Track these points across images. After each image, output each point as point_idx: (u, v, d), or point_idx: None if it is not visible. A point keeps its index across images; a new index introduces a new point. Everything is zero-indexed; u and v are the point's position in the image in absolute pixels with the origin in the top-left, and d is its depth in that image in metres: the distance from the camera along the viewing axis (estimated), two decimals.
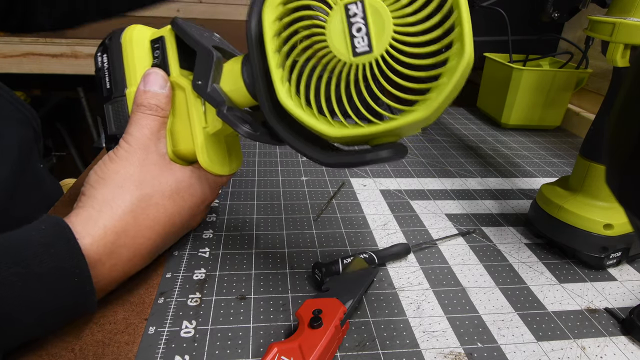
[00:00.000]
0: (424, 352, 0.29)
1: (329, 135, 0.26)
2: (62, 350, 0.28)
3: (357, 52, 0.24)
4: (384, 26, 0.24)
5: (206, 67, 0.31)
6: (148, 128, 0.33)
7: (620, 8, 0.33)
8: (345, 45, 0.24)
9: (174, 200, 0.33)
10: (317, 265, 0.33)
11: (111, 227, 0.29)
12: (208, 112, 0.33)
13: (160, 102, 0.33)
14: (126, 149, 0.32)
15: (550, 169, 0.59)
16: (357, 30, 0.24)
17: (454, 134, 0.71)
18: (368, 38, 0.24)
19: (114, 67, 0.35)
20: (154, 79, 0.33)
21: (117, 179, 0.31)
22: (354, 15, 0.24)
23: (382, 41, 0.24)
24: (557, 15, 0.46)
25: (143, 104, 0.33)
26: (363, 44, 0.24)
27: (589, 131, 0.38)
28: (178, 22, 0.33)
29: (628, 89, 0.15)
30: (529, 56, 0.75)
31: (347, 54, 0.24)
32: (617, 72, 0.36)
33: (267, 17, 0.26)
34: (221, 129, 0.34)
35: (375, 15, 0.24)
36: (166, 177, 0.32)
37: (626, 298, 0.35)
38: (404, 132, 0.27)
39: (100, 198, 0.30)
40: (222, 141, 0.36)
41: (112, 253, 0.29)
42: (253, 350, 0.28)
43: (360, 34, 0.24)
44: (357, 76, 0.25)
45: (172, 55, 0.34)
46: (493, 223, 0.44)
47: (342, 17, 0.24)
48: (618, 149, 0.15)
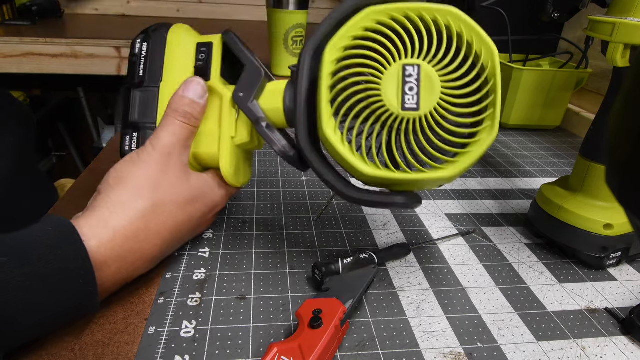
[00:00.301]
0: (424, 352, 0.29)
1: (363, 172, 0.29)
2: (62, 350, 0.28)
3: (406, 107, 0.27)
4: (432, 91, 0.27)
5: (252, 82, 0.33)
6: (177, 136, 0.33)
7: (620, 8, 0.33)
8: (396, 98, 0.27)
9: (185, 209, 0.33)
10: (317, 265, 0.33)
11: (121, 231, 0.29)
12: (239, 124, 0.35)
13: (195, 112, 0.33)
14: (150, 152, 0.32)
15: (550, 169, 0.59)
16: (409, 89, 0.27)
17: None
18: (418, 97, 0.27)
19: (153, 57, 0.35)
20: (194, 88, 0.34)
21: (135, 181, 0.31)
22: (409, 76, 0.27)
23: (429, 103, 0.27)
24: (557, 15, 0.46)
25: (178, 110, 0.33)
26: (412, 102, 0.27)
27: (589, 131, 0.38)
28: (231, 35, 0.35)
29: (628, 89, 0.15)
30: (529, 56, 0.75)
31: (396, 107, 0.27)
32: (617, 72, 0.36)
33: (328, 55, 0.28)
34: (246, 143, 0.35)
35: (427, 80, 0.27)
36: (183, 186, 0.33)
37: (626, 298, 0.35)
38: (425, 185, 0.30)
39: (115, 199, 0.30)
40: (242, 154, 0.37)
41: (119, 256, 0.29)
42: (253, 350, 0.28)
43: (412, 93, 0.27)
44: (399, 128, 0.28)
45: (216, 61, 0.35)
46: (493, 223, 0.44)
47: (398, 74, 0.27)
48: (618, 149, 0.15)
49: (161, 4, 1.56)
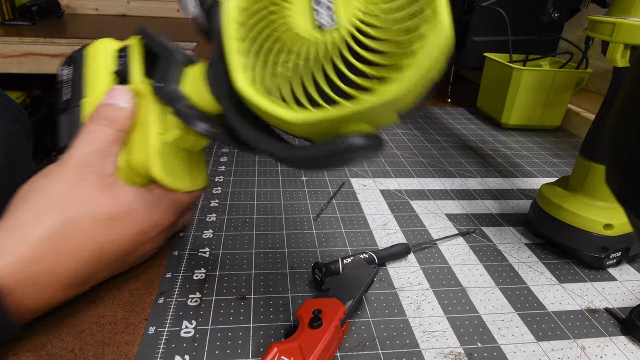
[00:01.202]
0: (424, 352, 0.29)
1: (292, 121, 0.23)
2: (62, 350, 0.28)
3: (319, 25, 0.22)
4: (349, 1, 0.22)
5: (168, 68, 0.30)
6: (96, 143, 0.30)
7: (620, 8, 0.33)
8: (309, 22, 0.22)
9: (109, 226, 0.29)
10: (317, 265, 0.33)
11: (20, 255, 0.26)
12: (168, 118, 0.31)
13: (118, 116, 0.31)
14: (61, 164, 0.29)
15: (550, 169, 0.59)
16: (319, 6, 0.22)
17: (454, 134, 0.71)
18: (330, 10, 0.22)
19: (75, 78, 0.34)
20: (118, 94, 0.31)
21: (42, 198, 0.28)
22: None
23: (348, 15, 0.21)
24: (557, 15, 0.46)
25: (97, 116, 0.30)
26: (325, 17, 0.22)
27: (589, 131, 0.38)
28: (146, 30, 0.33)
29: (628, 89, 0.15)
30: (529, 56, 0.75)
31: (308, 28, 0.22)
32: (617, 72, 0.36)
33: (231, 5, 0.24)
34: (180, 138, 0.32)
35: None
36: (102, 199, 0.29)
37: (626, 298, 0.35)
38: (378, 117, 0.23)
39: (14, 220, 0.27)
40: (181, 154, 0.34)
41: (21, 281, 0.26)
42: (253, 350, 0.28)
43: (322, 7, 0.22)
44: (317, 53, 0.22)
45: (136, 62, 0.33)
46: (493, 223, 0.44)
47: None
48: (618, 149, 0.15)
49: (161, 4, 1.56)
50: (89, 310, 0.31)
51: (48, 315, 0.30)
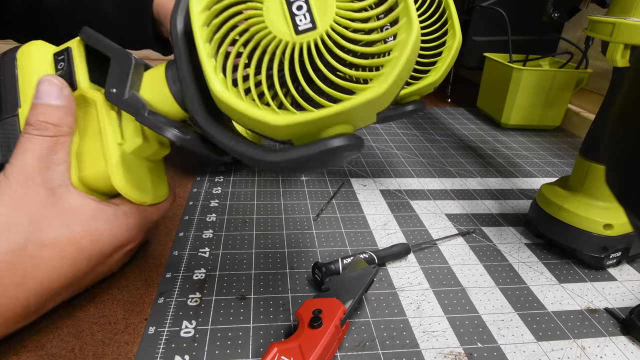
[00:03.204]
0: (424, 352, 0.29)
1: (275, 124, 0.22)
2: (62, 350, 0.28)
3: (300, 30, 0.22)
4: (326, 2, 0.22)
5: (123, 72, 0.28)
6: (32, 154, 0.26)
7: (620, 8, 0.33)
8: (286, 23, 0.22)
9: (61, 249, 0.26)
10: (317, 265, 0.33)
11: None
12: (125, 127, 0.29)
13: (52, 118, 0.27)
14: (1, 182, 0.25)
15: (550, 169, 0.59)
16: (297, 8, 0.22)
17: (454, 134, 0.71)
18: (310, 14, 0.22)
19: (5, 85, 0.30)
20: (46, 89, 0.27)
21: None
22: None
23: (325, 17, 0.22)
24: (557, 15, 0.46)
25: (29, 123, 0.27)
26: (305, 21, 0.22)
27: (589, 131, 0.38)
28: (88, 31, 0.29)
29: (628, 89, 0.15)
30: (529, 56, 0.75)
31: (289, 33, 0.22)
32: (617, 72, 0.36)
33: (194, 7, 0.23)
34: (141, 147, 0.29)
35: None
36: (52, 219, 0.25)
37: (626, 298, 0.35)
38: (359, 117, 0.23)
39: None
40: (142, 164, 0.31)
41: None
42: (253, 350, 0.28)
43: (302, 12, 0.22)
44: (302, 56, 0.22)
45: (80, 66, 0.29)
46: (493, 223, 0.44)
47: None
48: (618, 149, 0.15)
49: None
50: (89, 310, 0.31)
51: (48, 315, 0.30)
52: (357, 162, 0.57)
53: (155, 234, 0.40)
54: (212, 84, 0.23)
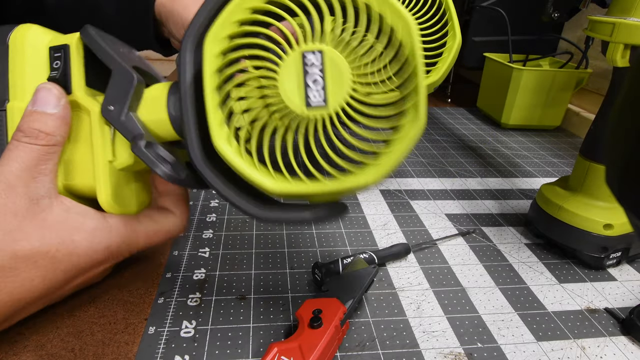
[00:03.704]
0: (424, 352, 0.29)
1: (270, 189, 0.23)
2: (62, 350, 0.28)
3: (311, 105, 0.22)
4: (341, 82, 0.22)
5: (123, 91, 0.26)
6: (19, 162, 0.25)
7: (620, 8, 0.33)
8: (298, 95, 0.22)
9: (35, 261, 0.24)
10: (317, 265, 0.33)
11: None
12: (117, 144, 0.28)
13: (46, 127, 0.26)
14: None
15: (550, 169, 0.59)
16: (312, 82, 0.22)
17: (454, 134, 0.71)
18: (324, 92, 0.22)
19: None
20: (44, 97, 0.26)
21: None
22: (311, 65, 0.22)
23: (338, 97, 0.22)
24: (557, 15, 0.46)
25: (22, 129, 0.26)
26: (318, 97, 0.22)
27: (589, 131, 0.38)
28: (90, 32, 0.27)
29: (628, 89, 0.15)
30: (529, 56, 0.75)
31: (299, 105, 0.22)
32: (617, 72, 0.36)
33: (209, 49, 0.23)
34: (132, 165, 0.28)
35: (334, 68, 0.22)
36: (29, 230, 0.24)
37: (626, 298, 0.35)
38: (347, 193, 0.24)
39: None
40: (131, 179, 0.30)
41: None
42: (253, 350, 0.28)
43: (316, 86, 0.22)
44: (307, 130, 0.23)
45: (77, 69, 0.28)
46: (493, 223, 0.44)
47: (297, 65, 0.22)
48: (618, 149, 0.15)
49: None
50: (89, 310, 0.31)
51: (48, 315, 0.30)
52: None
53: None
54: (214, 136, 0.23)
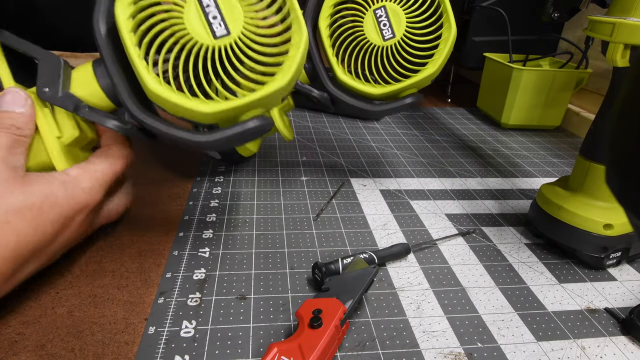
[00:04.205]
0: (424, 352, 0.29)
1: (206, 111, 0.28)
2: (62, 350, 0.28)
3: (217, 36, 0.28)
4: (234, 11, 0.28)
5: (53, 73, 0.31)
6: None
7: (620, 8, 0.33)
8: (205, 31, 0.28)
9: (24, 215, 0.28)
10: (317, 265, 0.33)
11: None
12: (59, 121, 0.32)
13: (17, 122, 0.30)
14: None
15: (550, 169, 0.59)
16: (213, 18, 0.28)
17: (454, 134, 0.71)
18: (224, 23, 0.28)
19: None
20: (12, 99, 0.30)
21: None
22: (207, 5, 0.28)
23: (236, 25, 0.28)
24: (557, 15, 0.46)
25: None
26: (221, 28, 0.28)
27: (589, 131, 0.38)
28: (9, 34, 0.32)
29: (628, 89, 0.15)
30: (529, 56, 0.75)
31: (208, 38, 0.28)
32: (617, 72, 0.36)
33: (121, 15, 0.27)
34: (78, 138, 0.33)
35: (225, 2, 0.28)
36: (14, 189, 0.28)
37: (626, 298, 0.35)
38: (269, 103, 0.30)
39: None
40: (79, 152, 0.34)
41: None
42: (253, 350, 0.28)
43: (217, 21, 0.28)
44: (221, 56, 0.28)
45: (2, 67, 0.32)
46: (493, 223, 0.44)
47: (197, 8, 0.28)
48: (618, 149, 0.15)
49: None
50: (89, 310, 0.31)
51: (48, 315, 0.30)
52: (357, 162, 0.57)
53: (155, 234, 0.40)
54: (147, 81, 0.28)
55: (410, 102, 0.41)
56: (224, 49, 0.28)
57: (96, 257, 0.36)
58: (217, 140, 0.29)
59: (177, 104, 0.28)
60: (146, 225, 0.41)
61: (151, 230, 0.40)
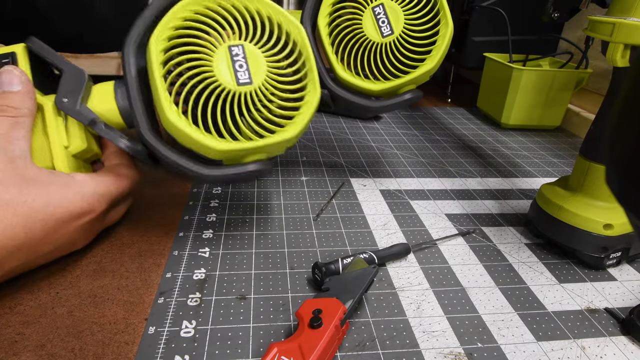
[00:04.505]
0: (424, 352, 0.29)
1: (217, 148, 0.31)
2: (62, 350, 0.28)
3: (240, 83, 0.31)
4: (259, 66, 0.32)
5: (76, 85, 0.32)
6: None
7: (620, 8, 0.33)
8: (230, 76, 0.31)
9: (14, 209, 0.27)
10: (317, 265, 0.33)
11: None
12: (70, 132, 0.33)
13: (13, 102, 0.30)
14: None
15: (550, 169, 0.59)
16: (239, 66, 0.31)
17: (454, 134, 0.71)
18: (248, 72, 0.32)
19: None
20: (7, 79, 0.30)
21: None
22: (236, 55, 0.31)
23: (259, 76, 0.32)
24: (557, 15, 0.46)
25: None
26: (245, 77, 0.31)
27: (589, 131, 0.38)
28: (37, 41, 0.33)
29: (628, 89, 0.15)
30: (529, 56, 0.75)
31: (232, 84, 0.31)
32: (617, 72, 0.36)
33: (154, 47, 0.30)
34: (84, 150, 0.34)
35: (252, 56, 0.32)
36: (7, 182, 0.27)
37: (626, 298, 0.35)
38: (275, 148, 0.33)
39: None
40: (81, 165, 0.35)
41: None
42: (253, 350, 0.28)
43: (242, 69, 0.31)
44: (240, 102, 0.31)
45: (26, 71, 0.32)
46: (493, 223, 0.44)
47: (226, 55, 0.31)
48: (618, 149, 0.15)
49: None
50: (89, 310, 0.31)
51: (48, 315, 0.30)
52: (357, 162, 0.57)
53: (155, 234, 0.40)
54: (167, 113, 0.30)
55: (409, 98, 0.42)
56: (243, 95, 0.31)
57: (96, 257, 0.36)
58: (218, 176, 0.32)
59: (191, 137, 0.30)
60: (146, 225, 0.41)
61: (151, 230, 0.40)
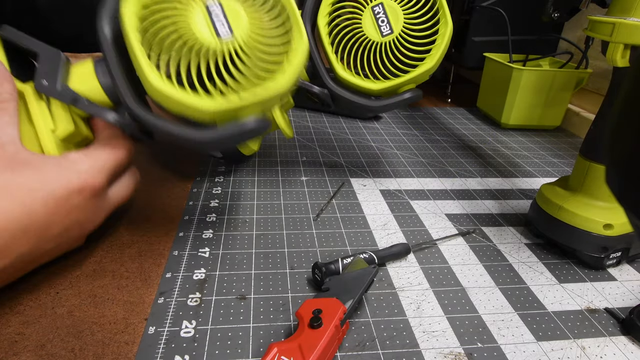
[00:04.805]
0: (424, 352, 0.29)
1: (206, 108, 0.29)
2: (62, 350, 0.28)
3: (220, 36, 0.29)
4: (238, 18, 0.30)
5: (53, 66, 0.31)
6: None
7: (620, 8, 0.33)
8: (210, 33, 0.29)
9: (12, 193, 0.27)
10: (317, 265, 0.33)
11: None
12: (55, 115, 0.32)
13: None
14: None
15: (550, 169, 0.59)
16: (217, 20, 0.29)
17: (454, 134, 0.71)
18: (229, 27, 0.29)
19: None
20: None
21: None
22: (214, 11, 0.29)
23: (240, 29, 0.30)
24: (557, 15, 0.46)
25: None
26: (225, 31, 0.29)
27: (589, 131, 0.38)
28: (9, 28, 0.32)
29: (628, 89, 0.15)
30: (529, 56, 0.75)
31: (214, 40, 0.29)
32: (617, 72, 0.36)
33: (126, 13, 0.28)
34: (73, 134, 0.33)
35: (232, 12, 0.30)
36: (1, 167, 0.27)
37: (626, 298, 0.35)
38: (267, 105, 0.31)
39: None
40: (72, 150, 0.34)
41: None
42: (253, 350, 0.28)
43: (221, 24, 0.29)
44: (224, 56, 0.29)
45: (2, 59, 0.32)
46: (493, 223, 0.44)
47: (203, 12, 0.29)
48: (618, 149, 0.15)
49: None
50: (89, 310, 0.31)
51: (48, 315, 0.30)
52: (357, 162, 0.57)
53: (155, 234, 0.40)
54: (151, 79, 0.28)
55: (409, 97, 0.42)
56: (227, 50, 0.29)
57: (96, 257, 0.36)
58: (215, 138, 0.30)
59: (179, 101, 0.28)
60: (146, 225, 0.41)
61: (151, 230, 0.40)
